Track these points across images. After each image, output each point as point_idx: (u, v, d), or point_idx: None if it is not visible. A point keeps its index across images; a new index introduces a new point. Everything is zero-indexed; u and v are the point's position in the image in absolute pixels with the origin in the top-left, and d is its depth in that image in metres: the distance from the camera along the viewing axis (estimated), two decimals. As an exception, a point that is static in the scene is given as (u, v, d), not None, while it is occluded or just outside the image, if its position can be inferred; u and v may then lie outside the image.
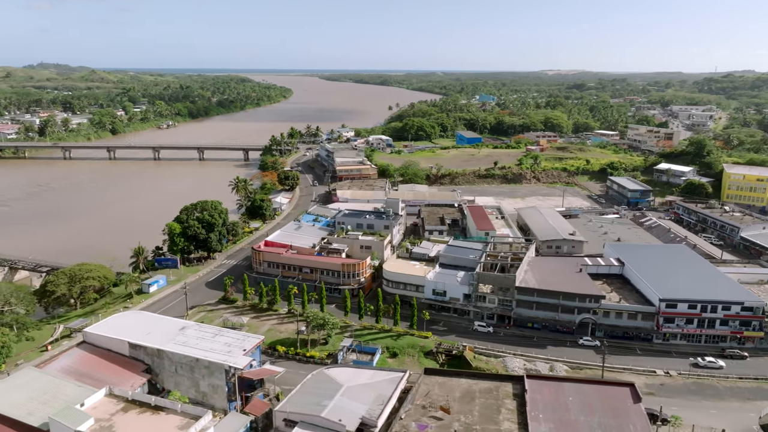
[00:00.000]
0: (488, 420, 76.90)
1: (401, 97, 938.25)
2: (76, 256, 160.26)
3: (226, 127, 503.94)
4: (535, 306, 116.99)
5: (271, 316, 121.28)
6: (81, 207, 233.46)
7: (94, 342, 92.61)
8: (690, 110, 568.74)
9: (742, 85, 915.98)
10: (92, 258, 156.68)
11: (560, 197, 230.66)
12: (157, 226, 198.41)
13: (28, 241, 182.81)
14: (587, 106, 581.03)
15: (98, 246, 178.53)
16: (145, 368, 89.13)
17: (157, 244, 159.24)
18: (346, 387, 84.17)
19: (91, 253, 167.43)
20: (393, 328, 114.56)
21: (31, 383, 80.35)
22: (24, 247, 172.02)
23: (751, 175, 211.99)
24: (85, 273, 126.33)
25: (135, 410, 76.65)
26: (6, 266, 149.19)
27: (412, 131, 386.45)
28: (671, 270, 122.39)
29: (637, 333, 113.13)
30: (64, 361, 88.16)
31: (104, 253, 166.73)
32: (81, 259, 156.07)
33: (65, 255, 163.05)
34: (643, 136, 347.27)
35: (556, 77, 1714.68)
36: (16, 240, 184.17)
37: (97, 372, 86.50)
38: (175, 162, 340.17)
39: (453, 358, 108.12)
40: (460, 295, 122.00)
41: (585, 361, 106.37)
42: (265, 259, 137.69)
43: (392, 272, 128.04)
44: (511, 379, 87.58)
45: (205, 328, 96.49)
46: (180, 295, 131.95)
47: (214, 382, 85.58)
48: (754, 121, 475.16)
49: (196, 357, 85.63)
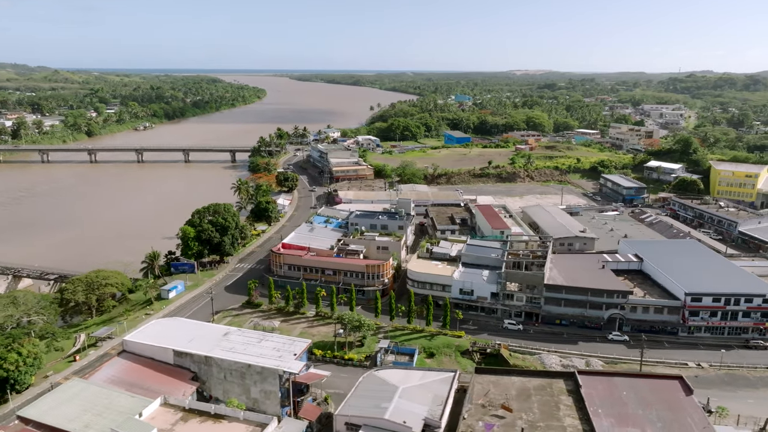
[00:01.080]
0: (549, 417, 77.71)
1: (376, 98, 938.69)
2: (79, 264, 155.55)
3: (204, 129, 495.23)
4: (563, 303, 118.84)
5: (299, 320, 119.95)
6: (72, 212, 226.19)
7: (135, 350, 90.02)
8: (661, 109, 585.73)
9: (705, 85, 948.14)
10: (98, 264, 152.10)
11: (556, 195, 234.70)
12: (156, 231, 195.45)
13: (22, 249, 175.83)
14: (563, 106, 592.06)
15: (99, 252, 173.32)
16: (191, 376, 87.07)
17: (157, 249, 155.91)
18: (402, 389, 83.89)
19: (94, 259, 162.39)
20: (425, 329, 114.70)
21: (80, 395, 77.68)
22: (20, 255, 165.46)
23: (740, 171, 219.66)
24: (102, 280, 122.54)
25: (195, 419, 74.94)
26: (9, 274, 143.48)
27: (398, 131, 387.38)
28: (690, 265, 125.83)
29: (663, 327, 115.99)
30: (108, 370, 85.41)
31: (107, 259, 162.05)
32: (84, 266, 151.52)
33: (66, 262, 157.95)
34: (625, 135, 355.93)
35: (524, 77, 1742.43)
36: (9, 248, 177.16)
37: (144, 381, 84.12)
38: (160, 164, 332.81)
39: (488, 356, 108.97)
40: (487, 294, 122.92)
41: (618, 356, 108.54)
42: (285, 261, 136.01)
43: (417, 272, 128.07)
44: (562, 376, 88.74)
45: (249, 333, 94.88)
46: (200, 300, 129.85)
47: (267, 388, 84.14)
48: (724, 120, 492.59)
49: (248, 363, 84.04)
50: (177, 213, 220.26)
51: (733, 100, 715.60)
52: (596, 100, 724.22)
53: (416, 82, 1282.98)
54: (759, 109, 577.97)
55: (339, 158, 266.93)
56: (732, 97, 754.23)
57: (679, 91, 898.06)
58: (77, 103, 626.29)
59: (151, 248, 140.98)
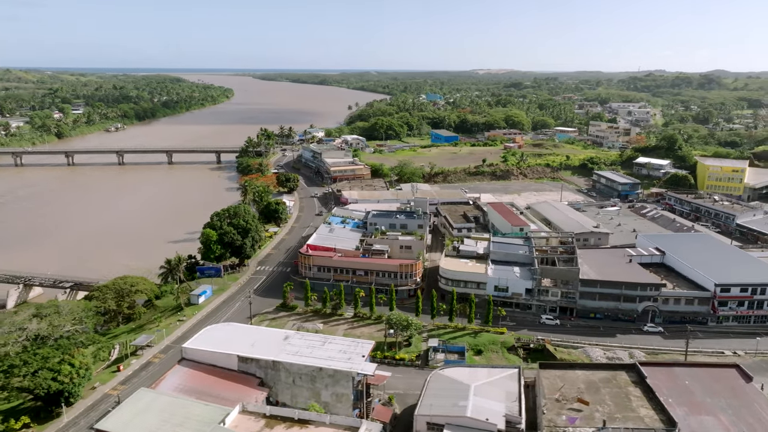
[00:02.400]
0: (624, 408, 79.60)
1: (347, 97, 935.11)
2: (82, 270, 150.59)
3: (178, 130, 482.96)
4: (597, 297, 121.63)
5: (339, 321, 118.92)
6: (62, 217, 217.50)
7: (196, 358, 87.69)
8: (628, 107, 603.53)
9: (663, 84, 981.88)
10: (102, 271, 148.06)
11: (552, 192, 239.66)
12: (156, 235, 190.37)
13: (16, 256, 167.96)
14: (535, 104, 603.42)
15: (100, 258, 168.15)
16: (258, 382, 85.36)
17: (163, 253, 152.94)
18: (474, 386, 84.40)
19: (97, 265, 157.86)
20: (467, 326, 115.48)
21: (153, 405, 75.26)
22: (15, 263, 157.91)
23: (727, 166, 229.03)
24: (131, 286, 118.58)
25: (280, 426, 73.58)
26: (20, 283, 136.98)
27: (382, 130, 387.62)
28: (711, 256, 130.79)
29: (693, 317, 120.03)
30: (173, 379, 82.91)
31: (110, 265, 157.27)
32: (91, 272, 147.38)
33: (68, 270, 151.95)
34: (604, 132, 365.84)
35: (487, 76, 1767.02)
36: (5, 256, 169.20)
37: (212, 389, 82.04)
38: (143, 167, 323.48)
39: (533, 351, 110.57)
40: (522, 290, 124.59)
41: (657, 347, 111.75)
42: (314, 263, 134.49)
43: (450, 270, 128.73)
44: (623, 368, 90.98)
45: (311, 336, 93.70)
46: (231, 304, 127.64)
47: (339, 391, 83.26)
48: (690, 117, 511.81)
49: (319, 366, 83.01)
50: (174, 216, 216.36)
51: (692, 98, 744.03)
52: (563, 99, 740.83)
53: (383, 81, 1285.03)
54: (718, 107, 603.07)
55: (334, 158, 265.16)
56: (691, 96, 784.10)
57: (640, 90, 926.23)
58: (38, 104, 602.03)
59: (176, 253, 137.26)
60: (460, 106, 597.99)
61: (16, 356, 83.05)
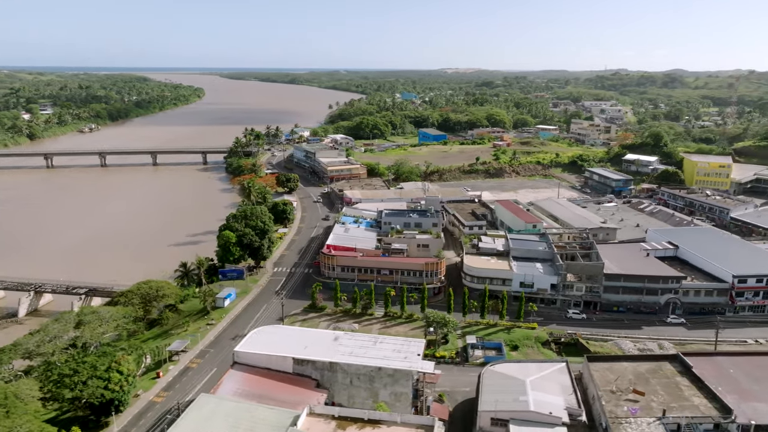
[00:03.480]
0: (677, 397, 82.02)
1: (319, 96, 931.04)
2: (86, 275, 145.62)
3: (155, 131, 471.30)
4: (621, 290, 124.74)
5: (370, 321, 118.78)
6: (54, 222, 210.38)
7: (248, 361, 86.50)
8: (601, 105, 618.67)
9: (629, 82, 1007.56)
10: (109, 275, 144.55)
11: (547, 189, 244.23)
12: (157, 238, 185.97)
13: (14, 263, 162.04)
14: (511, 103, 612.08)
15: (104, 262, 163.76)
16: (314, 384, 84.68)
17: (165, 256, 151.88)
18: (529, 381, 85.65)
19: (102, 270, 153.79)
20: (498, 322, 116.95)
21: (218, 411, 74.03)
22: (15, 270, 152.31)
23: (714, 162, 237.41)
24: (156, 291, 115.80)
25: (352, 427, 73.20)
26: (30, 290, 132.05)
27: (368, 129, 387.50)
28: (723, 249, 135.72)
29: (712, 308, 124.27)
30: (231, 384, 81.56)
31: (116, 269, 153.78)
32: (100, 277, 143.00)
33: (70, 275, 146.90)
34: (586, 130, 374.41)
35: (456, 75, 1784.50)
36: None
37: (272, 392, 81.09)
38: (127, 168, 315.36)
39: (565, 345, 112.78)
40: (547, 285, 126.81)
41: (683, 338, 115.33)
42: (338, 263, 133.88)
43: (475, 267, 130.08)
44: (666, 358, 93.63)
45: (360, 336, 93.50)
46: (257, 306, 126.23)
47: (398, 390, 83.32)
48: (661, 115, 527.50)
49: (378, 366, 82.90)
50: (172, 218, 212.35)
51: (658, 96, 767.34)
52: (536, 97, 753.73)
53: (354, 80, 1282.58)
54: (683, 105, 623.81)
55: (328, 158, 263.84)
56: (657, 94, 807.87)
57: (607, 88, 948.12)
58: (1, 104, 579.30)
59: (197, 256, 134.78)
60: (438, 105, 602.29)
61: (65, 365, 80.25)
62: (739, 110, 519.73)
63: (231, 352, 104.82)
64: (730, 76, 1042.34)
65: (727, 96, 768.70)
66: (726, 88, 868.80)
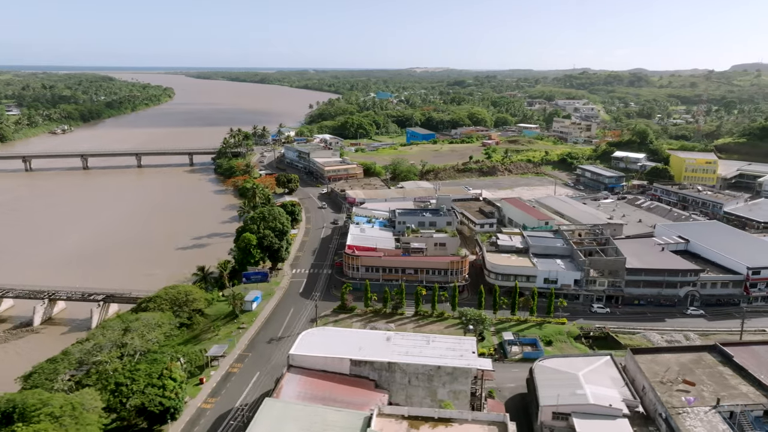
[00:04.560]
0: (725, 386, 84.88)
1: (293, 96, 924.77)
2: (97, 282, 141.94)
3: (131, 133, 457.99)
4: (642, 284, 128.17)
5: (402, 320, 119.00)
6: (46, 227, 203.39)
7: (304, 364, 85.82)
8: (574, 104, 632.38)
9: (597, 81, 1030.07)
10: (120, 281, 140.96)
11: (541, 186, 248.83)
12: (161, 242, 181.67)
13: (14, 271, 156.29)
14: (489, 102, 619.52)
15: (109, 267, 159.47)
16: (373, 384, 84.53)
17: (171, 260, 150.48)
18: (581, 375, 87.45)
19: (110, 275, 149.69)
20: (529, 318, 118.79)
21: (286, 415, 73.50)
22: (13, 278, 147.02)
23: (701, 159, 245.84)
24: (185, 295, 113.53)
25: (425, 426, 73.47)
26: (44, 298, 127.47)
27: (353, 129, 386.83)
28: (733, 242, 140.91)
29: (727, 300, 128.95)
30: (292, 387, 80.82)
31: (122, 274, 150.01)
32: (112, 283, 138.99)
33: (76, 281, 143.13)
34: (568, 128, 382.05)
35: (425, 74, 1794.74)
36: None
37: (334, 394, 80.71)
38: (110, 171, 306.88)
39: (595, 339, 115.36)
40: (571, 281, 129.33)
41: (705, 329, 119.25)
42: (363, 263, 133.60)
43: (499, 265, 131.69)
44: (705, 349, 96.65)
45: (412, 336, 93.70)
46: (286, 308, 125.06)
47: (457, 388, 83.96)
48: (634, 113, 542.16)
49: (437, 365, 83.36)
50: (171, 221, 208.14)
51: (627, 95, 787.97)
52: (510, 96, 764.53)
53: (325, 80, 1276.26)
54: (652, 103, 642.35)
55: (323, 158, 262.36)
56: (625, 92, 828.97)
57: (576, 87, 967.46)
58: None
59: (217, 260, 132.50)
60: (415, 104, 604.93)
61: (119, 373, 78.07)
62: (706, 108, 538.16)
63: (269, 355, 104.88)
64: (692, 76, 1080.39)
65: (691, 94, 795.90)
66: (689, 87, 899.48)
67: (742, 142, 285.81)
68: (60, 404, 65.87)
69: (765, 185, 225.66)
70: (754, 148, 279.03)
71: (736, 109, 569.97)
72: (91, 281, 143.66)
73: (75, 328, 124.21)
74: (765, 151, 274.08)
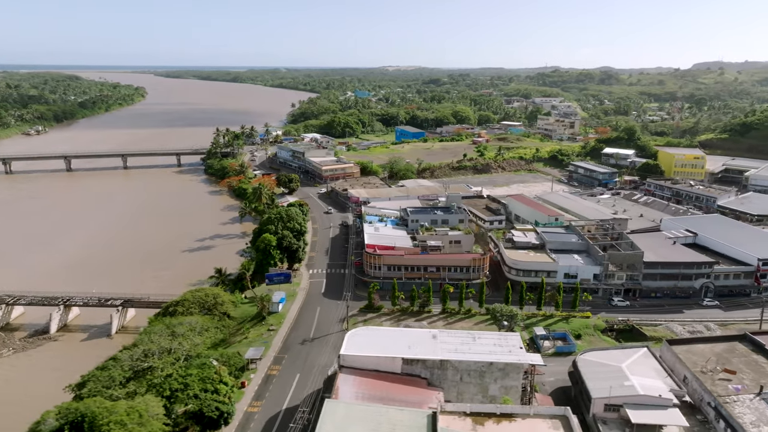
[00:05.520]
0: (763, 374, 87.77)
1: (270, 95, 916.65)
2: (104, 286, 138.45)
3: (110, 134, 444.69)
4: (658, 277, 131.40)
5: (431, 318, 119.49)
6: (37, 233, 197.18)
7: (355, 364, 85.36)
8: (551, 101, 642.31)
9: (569, 79, 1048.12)
10: (132, 285, 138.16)
11: (536, 183, 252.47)
12: (164, 245, 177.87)
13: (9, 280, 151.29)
14: (469, 99, 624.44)
15: (116, 273, 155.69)
16: (425, 382, 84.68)
17: (180, 263, 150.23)
18: (625, 367, 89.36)
19: (118, 280, 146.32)
20: (554, 313, 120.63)
21: (351, 416, 73.27)
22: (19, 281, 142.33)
23: (690, 154, 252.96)
24: (213, 298, 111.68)
25: (489, 421, 74.09)
26: (59, 304, 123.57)
27: (339, 128, 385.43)
28: (740, 235, 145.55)
29: (739, 290, 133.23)
30: (348, 387, 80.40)
31: (132, 278, 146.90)
32: (126, 288, 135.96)
33: (83, 286, 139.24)
34: (552, 126, 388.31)
35: (397, 73, 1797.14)
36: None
37: (391, 393, 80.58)
38: (95, 173, 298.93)
39: (620, 331, 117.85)
40: (590, 276, 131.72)
41: (724, 319, 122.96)
42: (384, 262, 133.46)
43: (520, 261, 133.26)
44: (735, 338, 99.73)
45: (457, 333, 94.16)
46: (311, 309, 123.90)
47: (509, 383, 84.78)
48: (611, 110, 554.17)
49: (490, 361, 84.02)
50: (170, 223, 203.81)
51: (599, 93, 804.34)
52: (488, 95, 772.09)
53: (299, 79, 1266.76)
54: (625, 100, 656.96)
55: (319, 158, 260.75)
56: (597, 90, 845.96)
57: (549, 85, 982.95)
58: None
59: (241, 263, 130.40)
60: (395, 103, 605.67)
61: (173, 379, 76.42)
62: (681, 105, 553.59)
63: (305, 357, 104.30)
64: (660, 74, 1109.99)
65: (661, 92, 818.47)
66: (657, 84, 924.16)
67: (724, 138, 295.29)
68: (126, 412, 64.17)
69: (751, 179, 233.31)
70: (736, 143, 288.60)
71: (706, 106, 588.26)
72: (98, 286, 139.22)
73: (95, 335, 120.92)
74: (746, 146, 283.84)
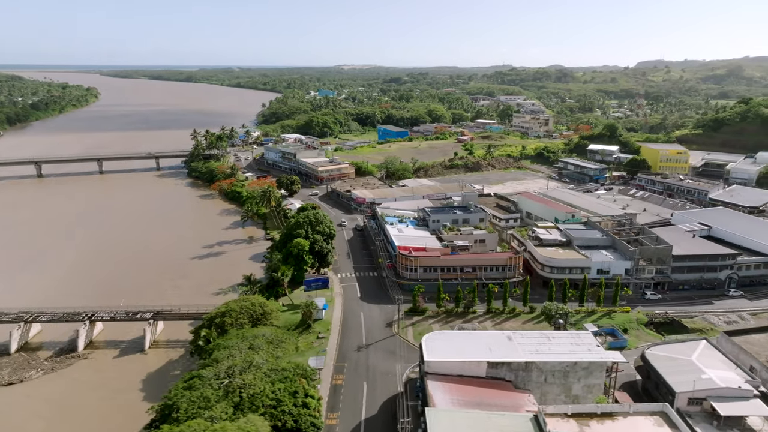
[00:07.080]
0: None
1: (231, 95, 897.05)
2: (123, 297, 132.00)
3: (72, 137, 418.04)
4: (686, 270, 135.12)
5: (477, 318, 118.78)
6: (30, 243, 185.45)
7: (439, 370, 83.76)
8: (516, 99, 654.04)
9: (526, 77, 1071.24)
10: (149, 296, 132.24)
11: (530, 180, 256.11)
12: (172, 253, 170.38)
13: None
14: (435, 98, 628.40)
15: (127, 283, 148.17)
16: (511, 385, 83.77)
17: (190, 270, 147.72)
18: (695, 359, 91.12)
19: (135, 292, 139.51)
20: (596, 308, 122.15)
21: (457, 423, 72.24)
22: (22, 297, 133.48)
23: (673, 150, 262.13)
24: (261, 307, 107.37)
25: (592, 421, 73.80)
26: (84, 320, 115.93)
27: (317, 128, 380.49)
28: (751, 226, 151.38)
29: (759, 280, 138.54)
30: (441, 394, 78.84)
31: (142, 290, 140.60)
32: (133, 299, 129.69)
33: (91, 300, 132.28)
34: (528, 123, 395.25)
35: (353, 71, 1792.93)
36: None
37: (484, 398, 79.51)
38: (69, 178, 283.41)
39: (660, 324, 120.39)
40: (622, 271, 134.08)
41: (754, 308, 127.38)
42: (420, 264, 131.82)
43: (554, 258, 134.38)
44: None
45: (532, 334, 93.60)
46: (355, 314, 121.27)
47: (592, 382, 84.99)
48: (576, 107, 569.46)
49: (574, 360, 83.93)
50: (170, 230, 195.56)
51: (559, 90, 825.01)
52: (453, 93, 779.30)
53: (256, 78, 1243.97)
54: (585, 98, 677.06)
55: (311, 158, 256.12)
56: (556, 88, 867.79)
57: (507, 83, 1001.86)
58: None
59: (278, 269, 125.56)
60: (363, 102, 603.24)
61: (264, 394, 72.58)
62: (641, 102, 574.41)
63: (366, 364, 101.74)
64: (611, 72, 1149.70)
65: (615, 89, 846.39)
66: (610, 82, 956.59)
67: (698, 134, 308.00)
68: (237, 434, 60.36)
69: (732, 172, 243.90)
70: (710, 138, 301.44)
71: (662, 103, 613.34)
72: (113, 299, 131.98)
73: (126, 350, 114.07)
74: (719, 141, 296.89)
